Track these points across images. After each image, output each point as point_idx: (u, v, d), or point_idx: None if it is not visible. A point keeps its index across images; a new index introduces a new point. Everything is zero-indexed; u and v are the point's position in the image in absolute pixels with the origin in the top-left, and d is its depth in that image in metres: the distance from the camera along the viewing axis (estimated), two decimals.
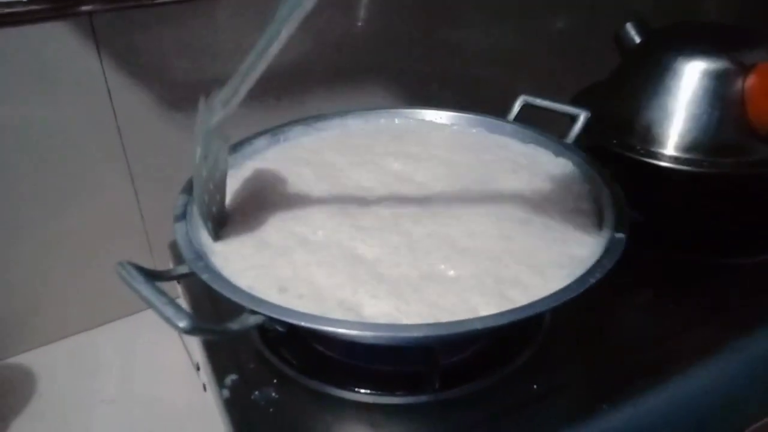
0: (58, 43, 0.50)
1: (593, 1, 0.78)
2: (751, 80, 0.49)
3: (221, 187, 0.41)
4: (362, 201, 0.44)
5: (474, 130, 0.55)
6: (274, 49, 0.33)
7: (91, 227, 0.58)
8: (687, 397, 0.38)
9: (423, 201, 0.44)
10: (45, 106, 0.52)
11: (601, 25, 0.62)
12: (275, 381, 0.39)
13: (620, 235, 0.35)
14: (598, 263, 0.33)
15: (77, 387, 0.56)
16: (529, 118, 0.54)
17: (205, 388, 0.47)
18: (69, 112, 0.53)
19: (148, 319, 0.62)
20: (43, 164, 0.54)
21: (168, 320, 0.29)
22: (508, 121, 0.54)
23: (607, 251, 0.34)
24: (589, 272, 0.32)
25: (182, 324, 0.28)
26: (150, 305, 0.31)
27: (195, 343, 0.47)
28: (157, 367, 0.58)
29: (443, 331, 0.30)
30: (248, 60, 0.34)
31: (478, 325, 0.30)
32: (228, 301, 0.32)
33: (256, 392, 0.38)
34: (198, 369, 0.50)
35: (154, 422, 0.52)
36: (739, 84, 0.49)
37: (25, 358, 0.59)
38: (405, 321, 0.32)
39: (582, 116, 0.50)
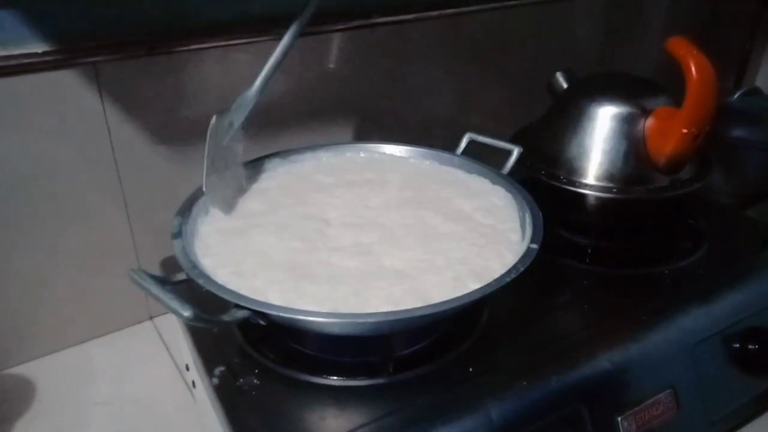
0: (66, 87, 0.56)
1: (536, 53, 0.89)
2: (650, 122, 0.57)
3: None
4: (324, 222, 0.52)
5: (427, 162, 0.62)
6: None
7: (87, 249, 0.63)
8: (590, 377, 0.46)
9: (378, 220, 0.52)
10: (50, 140, 0.57)
11: (542, 73, 0.70)
12: (257, 371, 0.45)
13: (534, 246, 0.44)
14: (514, 267, 0.41)
15: (74, 392, 0.60)
16: (475, 152, 0.61)
17: (194, 385, 0.54)
18: (71, 145, 0.59)
19: (138, 332, 0.69)
20: (44, 191, 0.59)
21: (174, 311, 0.35)
22: (456, 155, 0.61)
23: (522, 258, 0.43)
24: (507, 273, 0.41)
25: (186, 313, 0.35)
26: (159, 300, 0.37)
27: (184, 345, 0.54)
28: (147, 374, 0.62)
29: (396, 317, 0.38)
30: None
31: (423, 312, 0.38)
32: (220, 299, 0.40)
33: (241, 380, 0.44)
34: (187, 369, 0.56)
35: (145, 421, 0.57)
36: (641, 125, 0.57)
37: (25, 368, 0.63)
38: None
39: (515, 151, 0.57)
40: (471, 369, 0.45)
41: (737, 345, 0.54)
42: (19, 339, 0.63)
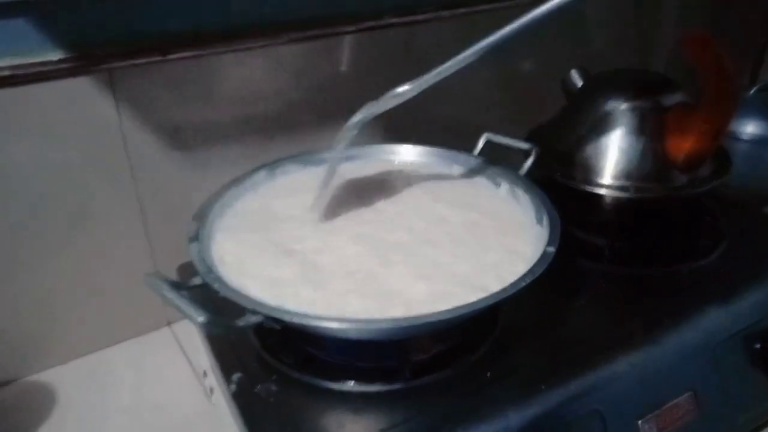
0: (82, 94, 0.57)
1: (549, 52, 0.88)
2: (668, 119, 0.57)
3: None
4: (344, 220, 0.52)
5: (443, 163, 0.62)
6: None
7: (105, 256, 0.63)
8: (609, 380, 0.45)
9: (392, 223, 0.52)
10: (66, 147, 0.58)
11: (555, 71, 0.69)
12: (274, 377, 0.45)
13: (551, 249, 0.43)
14: (530, 271, 0.41)
15: (93, 399, 0.61)
16: (492, 152, 0.61)
17: (211, 391, 0.54)
18: (87, 151, 0.59)
19: (156, 339, 0.69)
20: (60, 197, 0.59)
21: (189, 316, 0.36)
22: (472, 155, 0.60)
23: (539, 261, 0.42)
24: (522, 277, 0.40)
25: (200, 318, 0.35)
26: (173, 306, 0.37)
27: (202, 351, 0.54)
28: (165, 380, 0.63)
29: (411, 323, 0.38)
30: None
31: (439, 317, 0.38)
32: (234, 303, 0.40)
33: (259, 386, 0.44)
34: (205, 375, 0.56)
35: (165, 428, 0.57)
36: (658, 122, 0.57)
37: (45, 376, 0.63)
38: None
39: (534, 151, 0.56)
40: (489, 374, 0.45)
41: (758, 345, 0.53)
42: (38, 346, 0.64)
